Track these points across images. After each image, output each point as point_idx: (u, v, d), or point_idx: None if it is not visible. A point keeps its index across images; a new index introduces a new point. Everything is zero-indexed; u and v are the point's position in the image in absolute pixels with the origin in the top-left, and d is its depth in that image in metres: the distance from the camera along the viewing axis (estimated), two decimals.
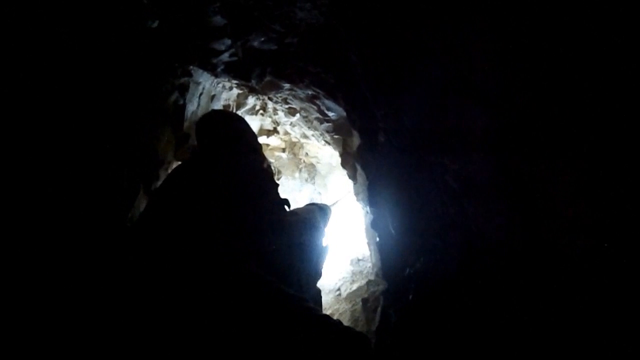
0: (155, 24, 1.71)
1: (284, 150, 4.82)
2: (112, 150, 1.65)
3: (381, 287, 2.38)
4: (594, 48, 0.76)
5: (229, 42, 1.93)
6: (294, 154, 4.88)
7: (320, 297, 1.65)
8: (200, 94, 2.41)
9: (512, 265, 0.98)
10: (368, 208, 2.37)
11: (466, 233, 1.12)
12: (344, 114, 2.28)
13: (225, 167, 1.28)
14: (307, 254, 1.58)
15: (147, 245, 1.12)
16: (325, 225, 1.90)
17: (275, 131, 3.93)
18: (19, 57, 1.28)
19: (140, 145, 1.91)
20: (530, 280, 0.94)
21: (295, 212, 1.79)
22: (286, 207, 1.52)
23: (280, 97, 2.63)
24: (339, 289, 3.19)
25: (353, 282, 3.20)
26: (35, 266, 1.26)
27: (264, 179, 1.38)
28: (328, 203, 2.67)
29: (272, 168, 1.61)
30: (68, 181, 1.45)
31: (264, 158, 1.61)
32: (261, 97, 2.93)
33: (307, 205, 2.05)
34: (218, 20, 1.75)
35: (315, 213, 1.83)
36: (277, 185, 1.47)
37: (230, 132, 1.48)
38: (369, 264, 3.21)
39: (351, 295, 2.97)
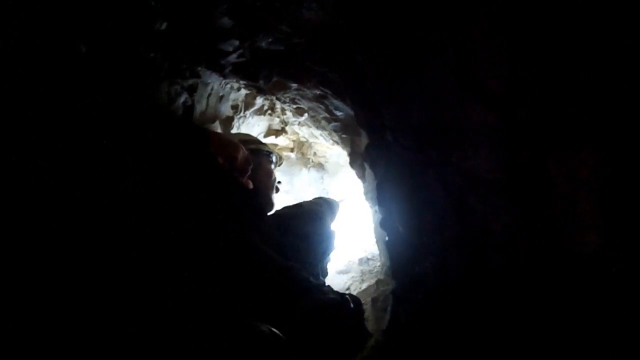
0: (164, 26, 1.74)
1: (292, 150, 4.84)
2: (119, 150, 1.68)
3: (390, 287, 2.37)
4: (604, 40, 0.75)
5: (236, 43, 1.94)
6: (302, 154, 4.90)
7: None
8: (209, 95, 2.44)
9: (522, 264, 0.97)
10: (376, 207, 2.36)
11: (474, 231, 1.11)
12: (352, 113, 2.28)
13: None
14: (312, 245, 1.56)
15: (149, 242, 1.13)
16: (332, 219, 1.89)
17: (283, 131, 3.95)
18: (27, 61, 1.31)
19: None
20: (540, 280, 0.93)
21: (301, 204, 1.80)
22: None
23: (288, 97, 2.64)
24: (348, 289, 3.19)
25: (362, 281, 3.20)
26: (37, 264, 1.28)
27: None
28: (337, 199, 2.66)
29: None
30: (75, 182, 1.48)
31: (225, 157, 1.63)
32: (269, 98, 2.95)
33: (314, 199, 2.05)
34: (226, 21, 1.76)
35: (322, 206, 1.83)
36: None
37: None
38: (378, 264, 3.20)
39: (361, 295, 2.97)
